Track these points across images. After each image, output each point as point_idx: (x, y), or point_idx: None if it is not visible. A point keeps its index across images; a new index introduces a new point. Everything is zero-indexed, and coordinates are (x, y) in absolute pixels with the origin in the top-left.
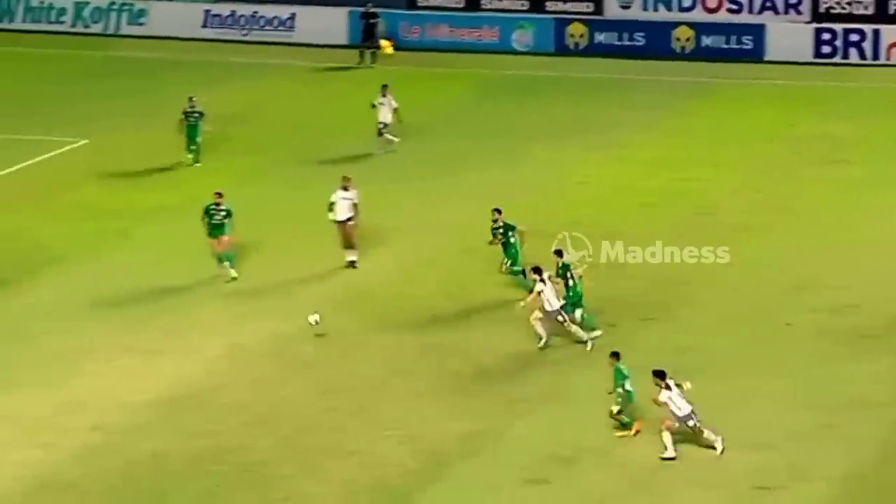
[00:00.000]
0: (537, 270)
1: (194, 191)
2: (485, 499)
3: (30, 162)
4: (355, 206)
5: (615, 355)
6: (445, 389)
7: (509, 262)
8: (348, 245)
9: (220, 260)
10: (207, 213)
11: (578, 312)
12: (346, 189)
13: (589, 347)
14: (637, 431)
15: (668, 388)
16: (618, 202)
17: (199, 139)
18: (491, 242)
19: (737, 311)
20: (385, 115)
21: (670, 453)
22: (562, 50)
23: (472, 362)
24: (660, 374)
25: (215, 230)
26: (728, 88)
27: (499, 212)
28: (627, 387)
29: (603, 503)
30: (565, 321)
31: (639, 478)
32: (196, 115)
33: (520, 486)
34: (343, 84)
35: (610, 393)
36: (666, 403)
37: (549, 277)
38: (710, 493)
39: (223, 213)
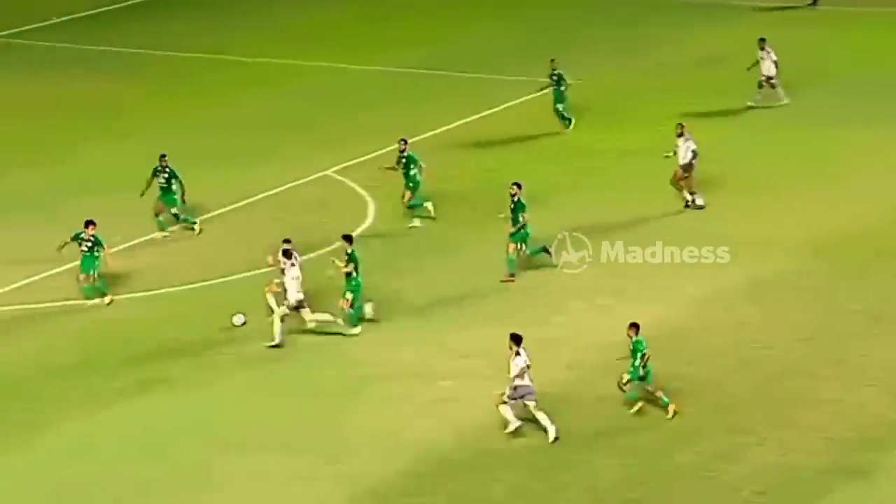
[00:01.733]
0: (286, 253)
1: (668, 132)
2: None
3: (515, 101)
4: (693, 152)
5: (634, 326)
6: None
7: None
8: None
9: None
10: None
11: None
12: (680, 136)
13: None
14: (640, 408)
15: (518, 354)
16: None
17: (558, 105)
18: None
19: None
20: (768, 69)
21: (513, 426)
22: None
23: None
24: (516, 339)
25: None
26: None
27: (518, 186)
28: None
29: None
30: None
31: None
32: (554, 77)
33: None
34: (789, 28)
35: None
36: (524, 369)
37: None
38: None
39: (404, 163)
